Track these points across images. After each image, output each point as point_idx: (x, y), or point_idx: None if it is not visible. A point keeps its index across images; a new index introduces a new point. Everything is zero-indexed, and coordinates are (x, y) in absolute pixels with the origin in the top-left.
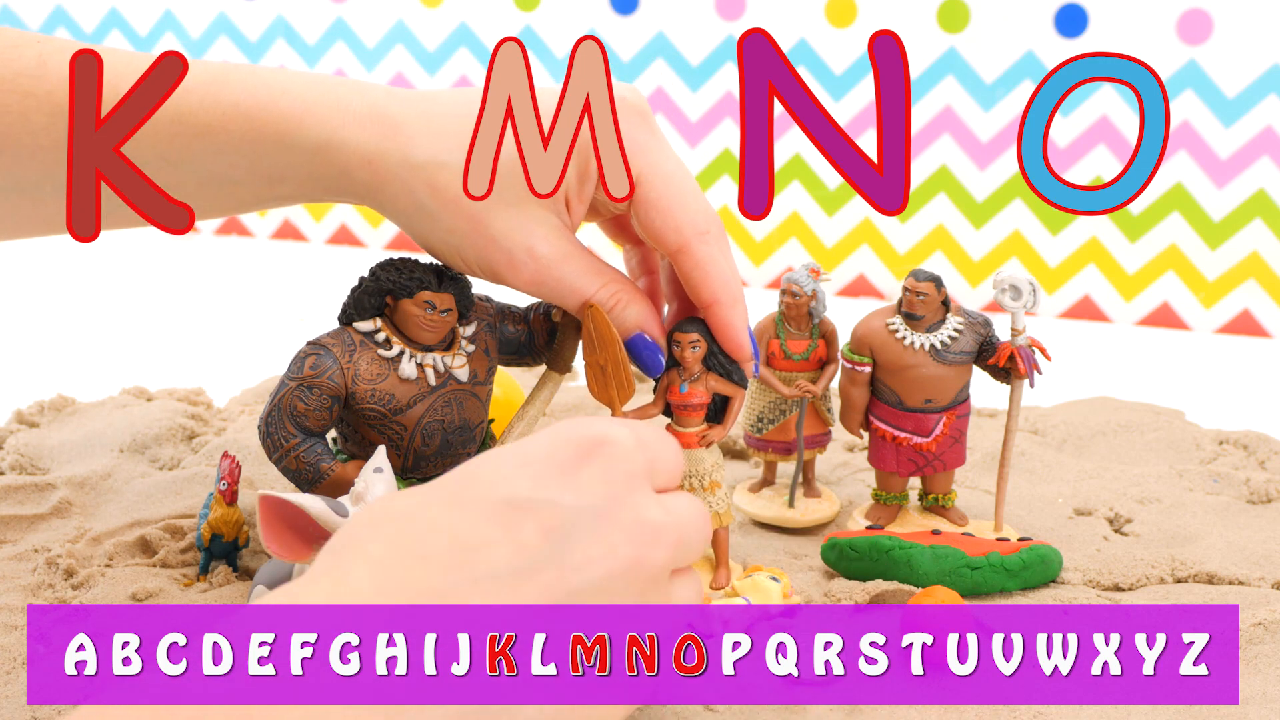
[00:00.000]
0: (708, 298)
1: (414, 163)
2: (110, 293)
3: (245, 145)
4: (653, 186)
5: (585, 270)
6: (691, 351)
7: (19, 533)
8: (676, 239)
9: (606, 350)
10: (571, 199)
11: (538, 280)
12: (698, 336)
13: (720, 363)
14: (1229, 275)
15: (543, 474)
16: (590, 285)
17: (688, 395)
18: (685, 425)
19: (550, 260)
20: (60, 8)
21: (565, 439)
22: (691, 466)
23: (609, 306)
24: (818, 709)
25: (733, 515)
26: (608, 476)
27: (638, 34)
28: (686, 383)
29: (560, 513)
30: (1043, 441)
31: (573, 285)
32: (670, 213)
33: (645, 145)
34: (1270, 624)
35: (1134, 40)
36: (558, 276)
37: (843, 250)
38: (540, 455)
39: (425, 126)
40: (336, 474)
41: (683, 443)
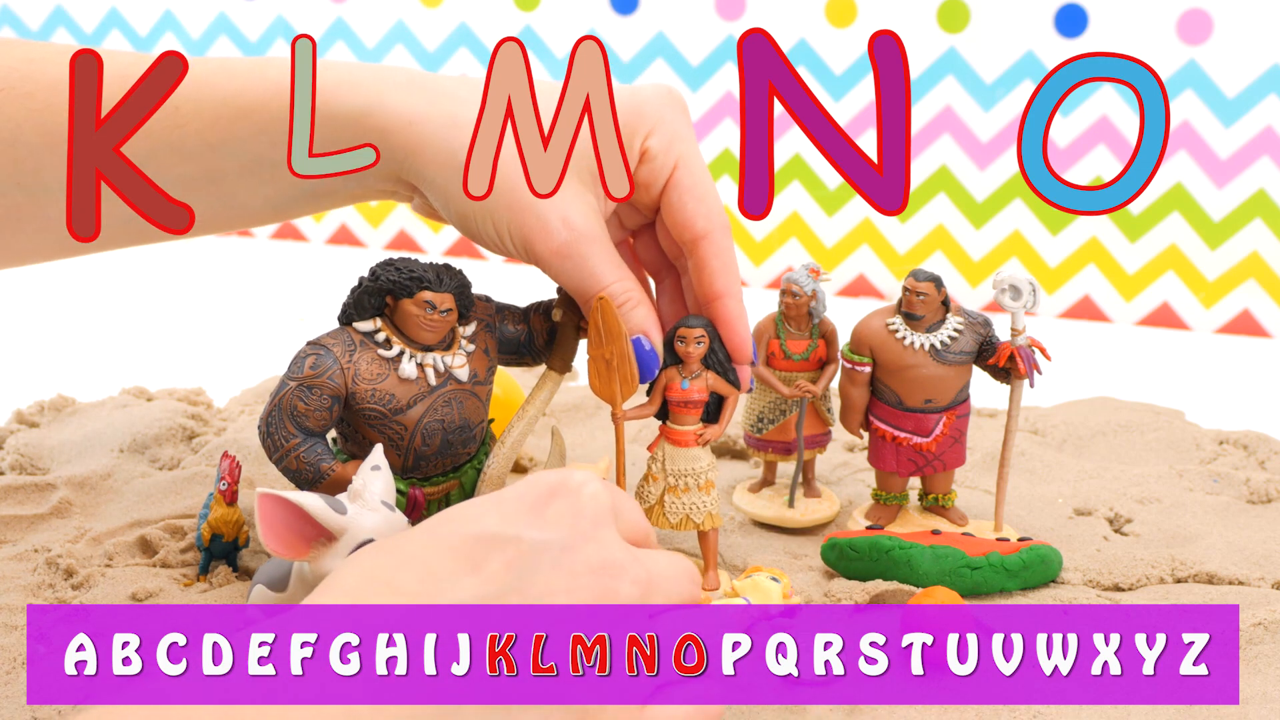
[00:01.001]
0: (720, 288)
1: (460, 122)
2: (110, 293)
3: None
4: (690, 172)
5: (609, 258)
6: (696, 346)
7: (19, 533)
8: (705, 225)
9: (614, 344)
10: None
11: (565, 253)
12: (703, 332)
13: (719, 360)
14: (1229, 275)
15: (511, 512)
16: (609, 275)
17: (688, 392)
18: (682, 423)
19: (583, 234)
20: (60, 8)
21: (536, 482)
22: (687, 465)
23: (620, 302)
24: (818, 709)
25: (722, 519)
26: (573, 514)
27: (638, 34)
28: (688, 379)
29: (524, 546)
30: (1043, 441)
31: (594, 269)
32: (703, 200)
33: (685, 135)
34: (1270, 624)
35: (1134, 40)
36: (584, 253)
37: (843, 250)
38: (512, 496)
39: (469, 91)
40: (336, 474)
41: (679, 441)
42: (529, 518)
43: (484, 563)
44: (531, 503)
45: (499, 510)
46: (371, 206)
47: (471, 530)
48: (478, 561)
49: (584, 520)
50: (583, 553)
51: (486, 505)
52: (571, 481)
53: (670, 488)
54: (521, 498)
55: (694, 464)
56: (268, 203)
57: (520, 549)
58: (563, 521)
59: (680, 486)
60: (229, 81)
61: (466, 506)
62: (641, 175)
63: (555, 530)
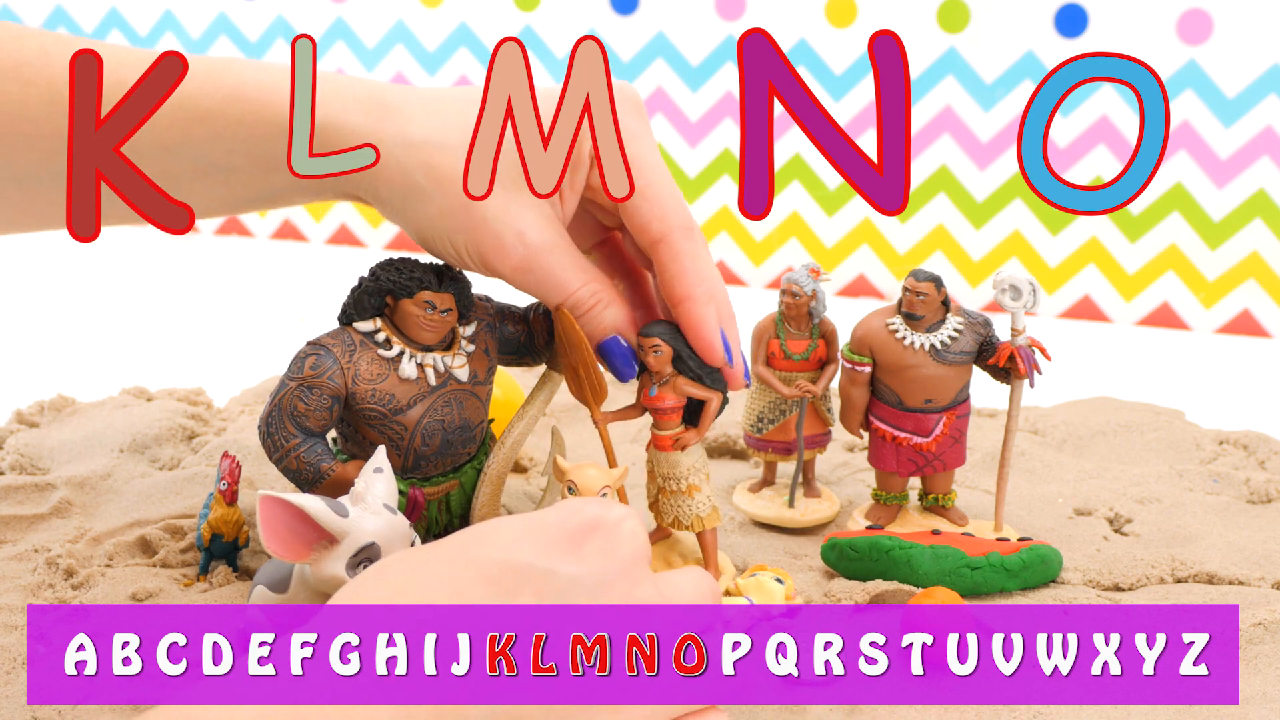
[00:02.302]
0: (681, 292)
1: (411, 142)
2: (110, 293)
3: (243, 130)
4: (642, 174)
5: (571, 265)
6: (654, 355)
7: (19, 533)
8: (660, 228)
9: (575, 353)
10: (565, 190)
11: (524, 267)
12: (658, 340)
13: (690, 367)
14: (1229, 275)
15: (547, 543)
16: (573, 281)
17: (656, 399)
18: (661, 428)
19: (539, 248)
20: (60, 8)
21: (576, 512)
22: (666, 470)
23: (589, 306)
24: (818, 709)
25: (719, 518)
26: (609, 552)
27: (638, 34)
28: (656, 386)
29: (557, 582)
30: (1043, 441)
31: (557, 278)
32: (658, 202)
33: (639, 134)
34: (1270, 624)
35: (1134, 40)
36: (544, 265)
37: (843, 250)
38: (550, 524)
39: (423, 109)
40: (337, 474)
41: (659, 445)
42: (565, 551)
43: (515, 593)
44: (569, 535)
45: (535, 539)
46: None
47: (505, 557)
48: (509, 591)
49: (619, 559)
50: (615, 591)
51: (522, 531)
52: (610, 517)
53: (661, 489)
54: (560, 526)
55: (674, 468)
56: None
57: (554, 584)
58: (599, 558)
59: (667, 489)
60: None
61: (502, 528)
62: (594, 178)
63: (590, 566)
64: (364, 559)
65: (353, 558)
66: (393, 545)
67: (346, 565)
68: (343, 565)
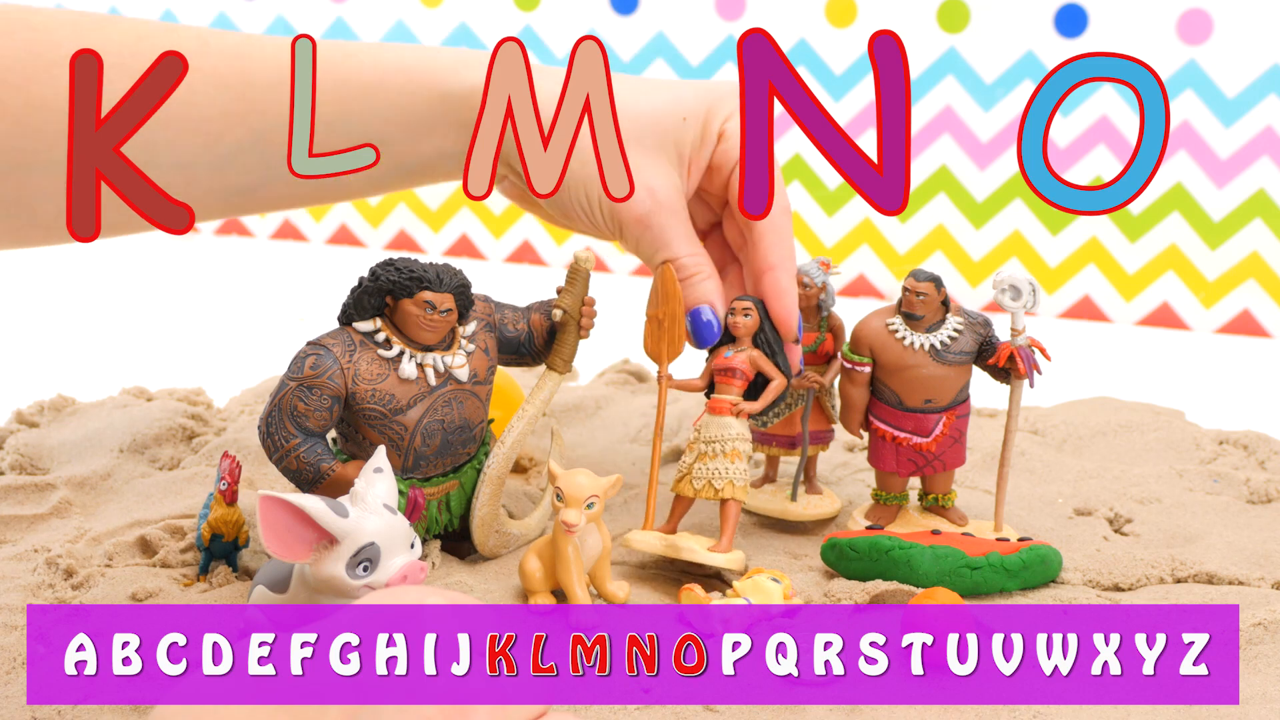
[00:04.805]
0: (772, 260)
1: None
2: (110, 293)
3: (403, 99)
4: None
5: (686, 232)
6: (744, 319)
7: (19, 533)
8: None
9: (668, 305)
10: (693, 161)
11: (646, 221)
12: (750, 304)
13: (768, 340)
14: (1229, 275)
15: None
16: (685, 246)
17: (730, 360)
18: (722, 392)
19: (664, 206)
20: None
21: None
22: (719, 431)
23: (691, 272)
24: (818, 709)
25: (745, 496)
26: None
27: (638, 34)
28: (733, 350)
29: None
30: (1043, 441)
31: (669, 239)
32: None
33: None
34: (1270, 624)
35: (1134, 40)
36: (663, 223)
37: (843, 250)
38: None
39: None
40: (337, 474)
41: (716, 408)
42: None
43: None
44: None
45: None
46: (371, 206)
47: None
48: None
49: None
50: None
51: None
52: None
53: (701, 454)
54: None
55: (725, 430)
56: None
57: None
58: None
59: (709, 453)
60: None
61: None
62: (716, 157)
63: None
64: (364, 559)
65: (353, 558)
66: (393, 545)
67: (346, 565)
68: (343, 565)
